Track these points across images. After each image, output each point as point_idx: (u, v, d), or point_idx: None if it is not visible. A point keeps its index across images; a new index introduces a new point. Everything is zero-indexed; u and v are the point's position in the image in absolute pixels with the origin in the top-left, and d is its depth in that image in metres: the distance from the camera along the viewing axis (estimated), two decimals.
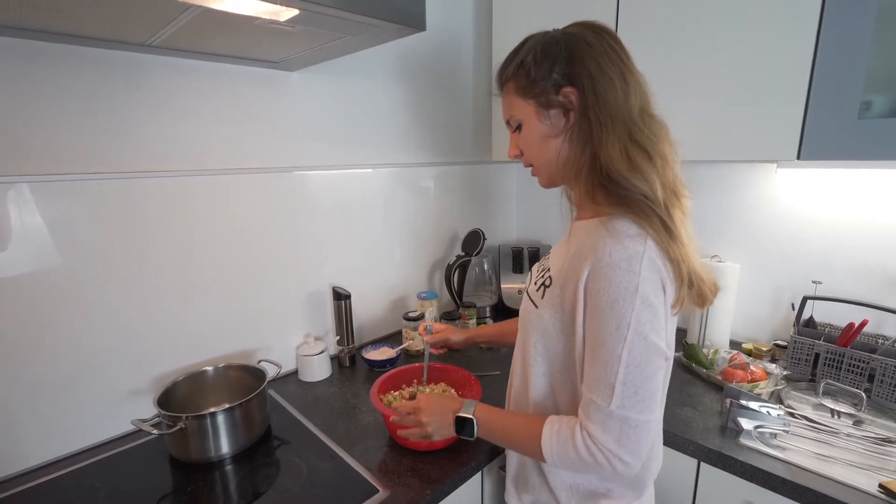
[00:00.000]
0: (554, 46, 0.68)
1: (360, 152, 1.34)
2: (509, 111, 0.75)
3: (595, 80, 0.65)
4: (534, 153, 0.75)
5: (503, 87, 0.76)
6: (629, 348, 0.59)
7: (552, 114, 0.70)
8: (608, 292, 0.60)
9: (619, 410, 0.60)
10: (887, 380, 1.04)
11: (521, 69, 0.71)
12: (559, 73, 0.67)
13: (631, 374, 0.60)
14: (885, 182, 1.11)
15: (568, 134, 0.70)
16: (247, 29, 0.75)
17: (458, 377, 1.07)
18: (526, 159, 0.77)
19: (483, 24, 1.58)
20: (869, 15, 0.83)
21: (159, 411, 0.88)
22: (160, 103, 0.97)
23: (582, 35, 0.68)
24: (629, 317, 0.59)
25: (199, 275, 1.07)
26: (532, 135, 0.73)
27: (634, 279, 0.59)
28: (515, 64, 0.72)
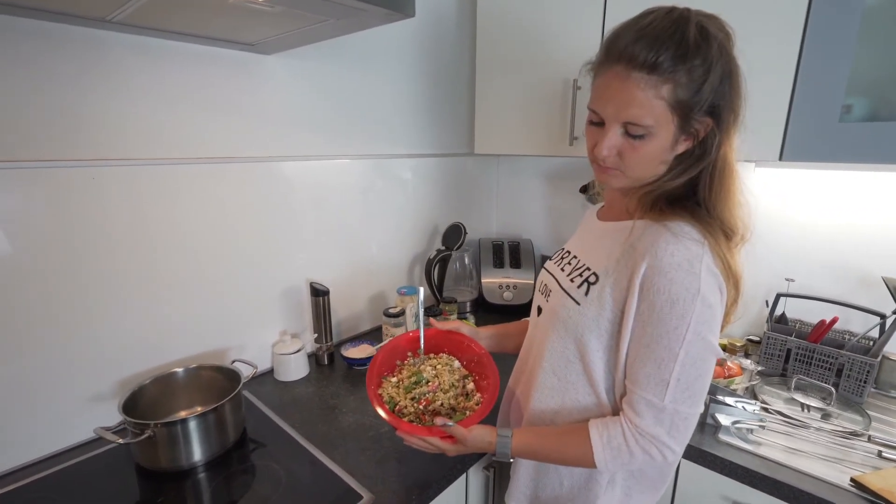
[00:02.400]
0: (717, 63, 0.57)
1: (339, 142, 1.29)
2: (643, 115, 0.59)
3: (732, 122, 0.61)
4: (639, 167, 0.65)
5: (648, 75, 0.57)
6: (687, 348, 0.60)
7: (681, 138, 0.62)
8: (669, 291, 0.59)
9: (671, 405, 0.62)
10: (854, 374, 1.09)
11: (694, 75, 0.57)
12: (708, 97, 0.59)
13: (686, 371, 0.61)
14: (859, 184, 1.14)
15: (674, 159, 0.65)
16: (219, 6, 0.69)
17: (464, 348, 0.89)
18: (615, 163, 0.65)
19: (467, 15, 1.54)
20: (853, 20, 0.85)
21: (125, 418, 0.82)
22: (122, 86, 0.89)
23: (731, 53, 0.60)
24: (689, 317, 0.59)
25: (168, 270, 1.01)
26: (654, 153, 0.63)
27: (696, 281, 0.59)
28: (687, 67, 0.57)
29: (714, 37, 0.58)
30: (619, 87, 0.60)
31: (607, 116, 0.63)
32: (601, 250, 0.71)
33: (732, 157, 0.64)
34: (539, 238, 1.77)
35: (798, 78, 0.92)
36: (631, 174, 0.66)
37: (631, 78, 0.58)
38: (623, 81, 0.59)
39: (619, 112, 0.61)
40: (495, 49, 1.39)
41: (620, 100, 0.60)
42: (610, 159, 0.65)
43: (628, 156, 0.64)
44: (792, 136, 0.94)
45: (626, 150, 0.63)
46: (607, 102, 0.62)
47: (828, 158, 0.90)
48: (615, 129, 0.63)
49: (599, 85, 0.64)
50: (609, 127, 0.63)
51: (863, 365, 1.07)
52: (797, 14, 0.90)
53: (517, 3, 1.31)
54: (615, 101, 0.61)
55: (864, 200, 1.14)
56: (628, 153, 0.63)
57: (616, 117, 0.62)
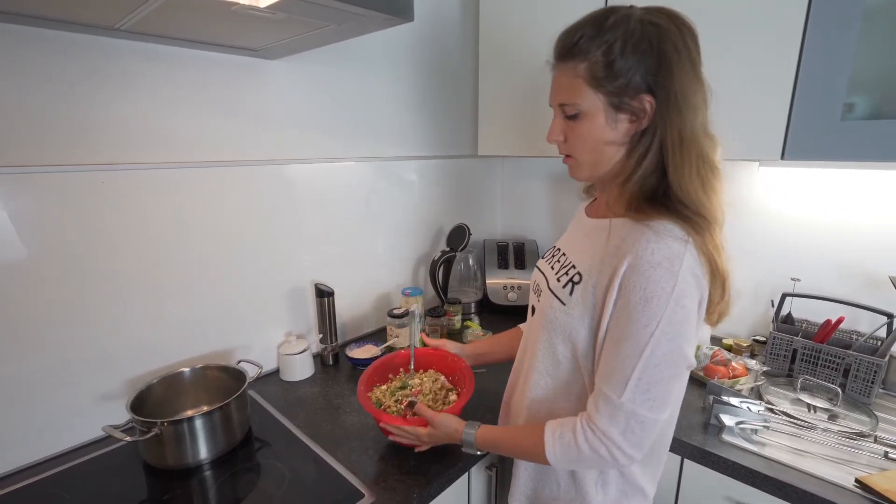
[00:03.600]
0: (644, 43, 0.60)
1: (343, 145, 1.30)
2: (569, 95, 0.66)
3: (679, 97, 0.61)
4: (584, 150, 0.69)
5: (567, 61, 0.65)
6: (653, 346, 0.59)
7: (620, 118, 0.64)
8: (644, 289, 0.59)
9: (629, 404, 0.61)
10: (861, 375, 1.07)
11: (603, 53, 0.62)
12: (642, 76, 0.61)
13: (648, 371, 0.60)
14: (864, 183, 1.13)
15: (628, 143, 0.66)
16: (224, 14, 0.71)
17: (449, 363, 1.02)
18: (568, 149, 0.71)
19: (469, 17, 1.55)
20: (853, 19, 0.84)
21: (132, 416, 0.84)
22: (130, 91, 0.91)
23: (671, 35, 0.61)
24: (661, 315, 0.59)
25: (175, 271, 1.03)
26: (590, 132, 0.66)
27: (672, 279, 0.59)
28: (598, 43, 0.62)
29: (640, 20, 0.61)
30: (553, 80, 0.70)
31: (551, 104, 0.71)
32: (586, 248, 0.72)
33: (691, 136, 0.62)
34: (543, 239, 1.77)
35: (799, 76, 0.91)
36: (580, 158, 0.70)
37: (558, 69, 0.68)
38: (555, 74, 0.69)
39: (553, 98, 0.70)
40: (497, 51, 1.40)
41: (554, 89, 0.70)
42: (561, 146, 0.72)
43: (570, 138, 0.70)
44: (794, 135, 0.93)
45: (568, 133, 0.70)
46: (551, 94, 0.71)
47: (830, 157, 0.90)
48: (556, 113, 0.71)
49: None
50: (554, 114, 0.71)
51: (870, 365, 1.06)
52: (798, 12, 0.90)
53: (518, 6, 1.32)
54: (552, 92, 0.70)
55: (870, 199, 1.13)
56: (570, 136, 0.70)
57: (553, 103, 0.70)
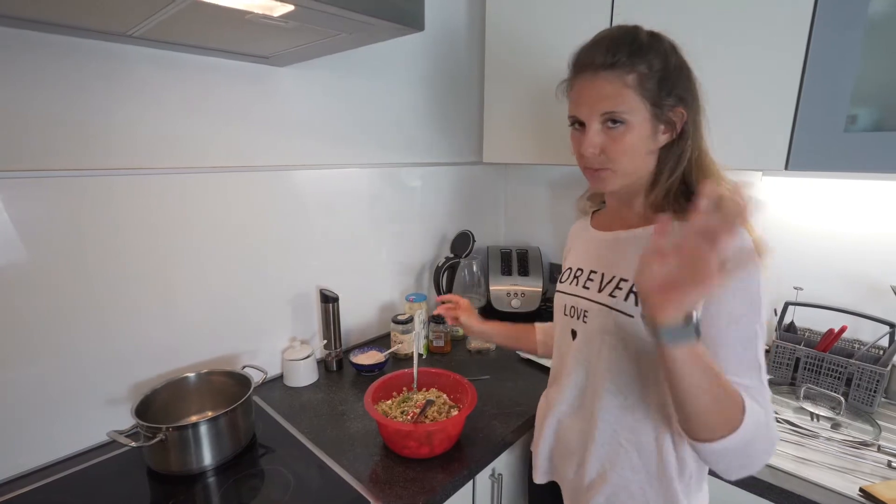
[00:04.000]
0: (678, 59, 0.68)
1: (349, 151, 1.31)
2: (615, 103, 0.65)
3: (698, 110, 0.68)
4: (626, 160, 0.68)
5: (613, 70, 0.65)
6: (761, 323, 0.63)
7: (659, 128, 0.68)
8: (744, 279, 0.62)
9: (765, 380, 0.64)
10: (863, 384, 1.08)
11: (649, 66, 0.65)
12: (679, 91, 0.67)
13: (762, 347, 0.63)
14: (867, 193, 1.14)
15: (657, 153, 0.70)
16: (236, 23, 0.71)
17: (450, 382, 1.05)
18: (603, 161, 0.69)
19: (476, 26, 1.57)
20: (857, 31, 0.85)
21: (137, 422, 0.84)
22: (140, 97, 0.92)
23: (681, 54, 0.69)
24: (759, 294, 0.62)
25: (182, 276, 1.03)
26: (636, 143, 0.67)
27: (755, 263, 0.63)
28: (644, 59, 0.65)
29: (664, 38, 0.68)
30: (589, 88, 0.67)
31: (584, 116, 0.68)
32: (630, 260, 0.71)
33: (707, 145, 0.71)
34: (547, 246, 1.78)
35: (803, 88, 0.92)
36: (619, 168, 0.69)
37: (598, 77, 0.66)
38: (592, 82, 0.67)
39: (593, 107, 0.67)
40: (503, 59, 1.41)
41: (593, 97, 0.67)
42: (596, 158, 0.69)
43: (612, 149, 0.67)
44: (797, 146, 0.94)
45: (609, 144, 0.67)
46: (582, 104, 0.69)
47: (833, 168, 0.91)
48: (594, 124, 0.68)
49: (573, 95, 0.71)
50: (589, 125, 0.68)
51: (872, 374, 1.06)
52: (801, 24, 0.91)
53: (524, 16, 1.33)
54: (589, 100, 0.67)
55: (873, 209, 1.14)
56: (611, 146, 0.67)
57: (592, 113, 0.67)
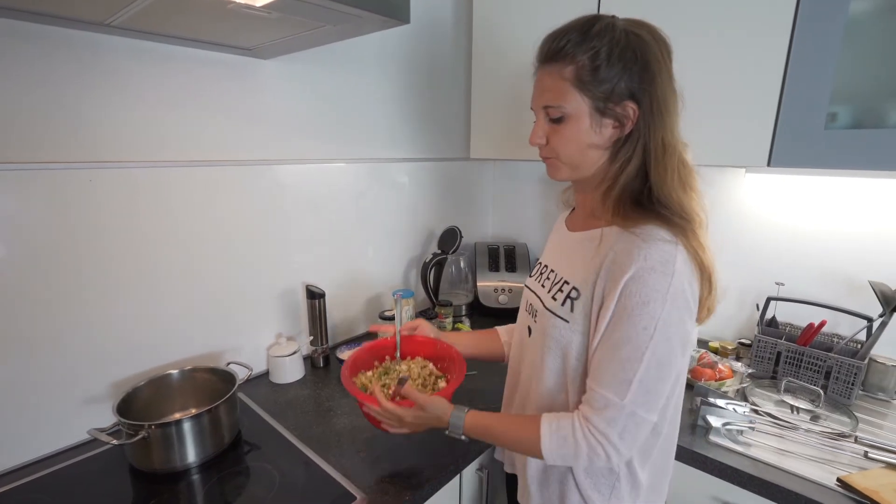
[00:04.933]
0: (629, 51, 0.63)
1: (336, 146, 1.30)
2: (555, 97, 0.67)
3: (660, 104, 0.64)
4: (567, 152, 0.69)
5: (553, 63, 0.66)
6: (653, 349, 0.61)
7: (604, 122, 0.66)
8: (640, 294, 0.61)
9: (630, 405, 0.62)
10: (842, 377, 1.10)
11: (590, 58, 0.63)
12: (626, 84, 0.64)
13: (650, 373, 0.61)
14: (846, 190, 1.17)
15: (611, 148, 0.68)
16: (218, 13, 0.70)
17: (438, 350, 0.97)
18: (550, 151, 0.71)
19: (463, 20, 1.56)
20: (836, 31, 0.87)
21: (119, 419, 0.82)
22: (120, 88, 0.90)
23: (651, 45, 0.64)
24: (658, 317, 0.60)
25: (164, 272, 1.01)
26: (575, 135, 0.67)
27: (667, 281, 0.60)
28: (585, 49, 0.63)
29: (625, 30, 0.64)
30: (537, 82, 0.71)
31: (534, 109, 0.72)
32: (577, 262, 0.72)
33: (672, 142, 0.66)
34: (534, 242, 1.79)
35: (785, 86, 0.94)
36: (564, 160, 0.71)
37: (543, 71, 0.69)
38: (539, 77, 0.70)
39: (537, 101, 0.70)
40: (490, 55, 1.41)
41: (538, 91, 0.71)
42: (544, 148, 0.72)
43: (554, 140, 0.70)
44: (779, 143, 0.96)
45: (551, 135, 0.70)
46: (533, 97, 0.72)
47: (814, 165, 0.92)
48: (540, 116, 0.71)
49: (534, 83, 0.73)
50: (536, 116, 0.72)
51: (850, 367, 1.09)
52: (783, 24, 0.92)
53: (512, 11, 1.33)
54: (536, 94, 0.71)
55: (852, 206, 1.16)
56: (553, 137, 0.70)
57: (537, 104, 0.71)
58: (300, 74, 1.18)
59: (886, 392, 1.13)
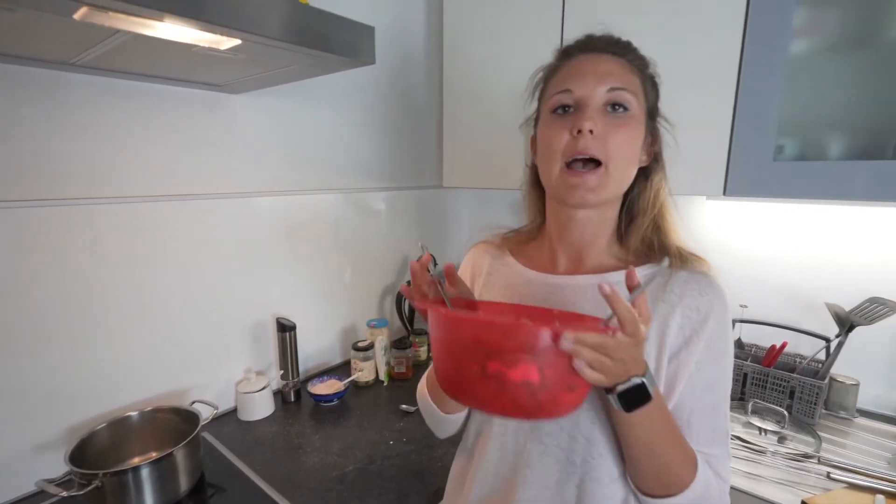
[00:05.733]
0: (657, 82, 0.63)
1: (309, 177, 1.30)
2: (625, 80, 0.57)
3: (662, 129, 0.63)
4: (623, 157, 0.57)
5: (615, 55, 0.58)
6: (729, 388, 0.59)
7: (648, 140, 0.61)
8: (726, 339, 0.58)
9: (729, 449, 0.59)
10: (805, 397, 1.13)
11: (651, 77, 0.61)
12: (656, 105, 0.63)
13: (728, 413, 0.59)
14: (802, 217, 1.23)
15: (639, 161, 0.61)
16: (184, 54, 0.71)
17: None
18: (601, 151, 0.55)
19: (434, 52, 1.61)
20: (778, 69, 0.93)
21: (71, 468, 0.78)
22: (87, 126, 0.89)
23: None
24: (732, 358, 0.59)
25: (128, 309, 0.98)
26: (635, 137, 0.58)
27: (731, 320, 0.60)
28: (651, 68, 0.62)
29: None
30: (592, 63, 0.57)
31: (585, 88, 0.55)
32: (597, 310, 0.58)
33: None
34: None
35: (735, 120, 0.99)
36: (613, 168, 0.56)
37: (603, 56, 0.58)
38: (597, 58, 0.58)
39: (601, 80, 0.55)
40: (461, 86, 1.45)
41: (599, 71, 0.56)
42: (593, 143, 0.55)
43: (613, 136, 0.55)
44: (733, 174, 1.00)
45: (609, 130, 0.55)
46: (585, 77, 0.56)
47: (765, 194, 0.97)
48: (598, 99, 0.55)
49: (565, 73, 0.59)
50: (588, 100, 0.55)
51: (812, 387, 1.12)
52: (731, 62, 0.98)
53: (480, 43, 1.37)
54: (594, 73, 0.56)
55: (808, 231, 1.22)
56: (611, 132, 0.55)
57: (598, 84, 0.55)
58: (272, 108, 1.19)
59: (847, 410, 1.16)
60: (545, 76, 0.63)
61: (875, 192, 0.87)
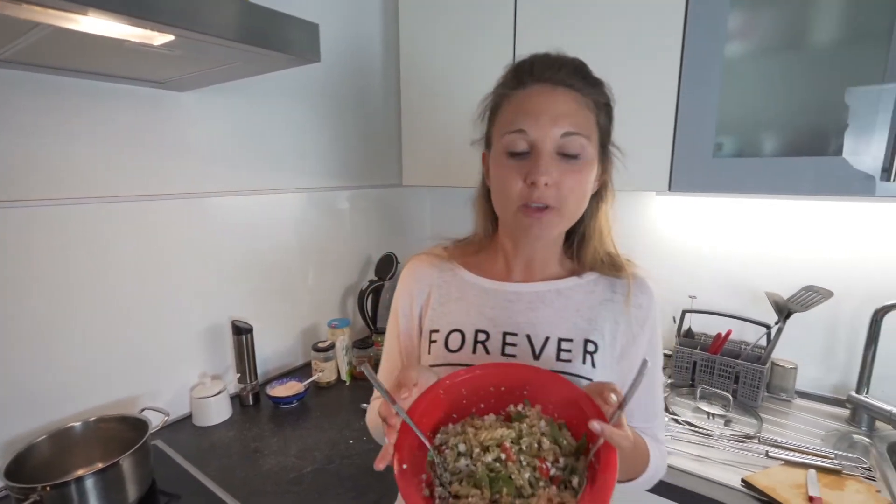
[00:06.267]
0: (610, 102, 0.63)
1: (266, 177, 1.28)
2: (579, 123, 0.54)
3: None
4: (575, 196, 0.57)
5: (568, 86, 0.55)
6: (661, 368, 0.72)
7: (599, 172, 0.62)
8: (657, 329, 0.68)
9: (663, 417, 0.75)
10: (748, 381, 1.19)
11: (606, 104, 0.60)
12: (609, 130, 0.63)
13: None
14: (743, 211, 1.29)
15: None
16: (116, 50, 0.68)
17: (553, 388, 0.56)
18: (556, 199, 0.56)
19: (392, 50, 1.60)
20: (715, 71, 0.97)
21: (6, 483, 0.74)
22: (19, 124, 0.85)
23: None
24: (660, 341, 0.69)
25: (70, 314, 0.94)
26: (588, 180, 0.58)
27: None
28: (602, 91, 0.59)
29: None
30: (548, 99, 0.54)
31: (538, 133, 0.54)
32: (567, 315, 0.64)
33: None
34: None
35: (678, 119, 1.03)
36: (567, 209, 0.57)
37: (558, 91, 0.54)
38: (551, 94, 0.54)
39: (555, 122, 0.53)
40: (418, 86, 1.45)
41: (552, 112, 0.53)
42: (548, 192, 0.55)
43: (566, 183, 0.55)
44: (677, 170, 1.05)
45: (564, 177, 0.55)
46: (539, 117, 0.54)
47: (706, 190, 1.02)
48: (551, 147, 0.54)
49: (518, 105, 0.56)
50: (542, 147, 0.54)
51: (755, 372, 1.18)
52: (672, 63, 1.02)
53: (436, 44, 1.38)
54: (548, 113, 0.53)
55: (749, 225, 1.28)
56: (566, 180, 0.55)
57: (552, 128, 0.53)
58: (222, 106, 1.16)
59: (788, 392, 1.23)
60: (497, 101, 0.62)
61: (806, 187, 0.92)
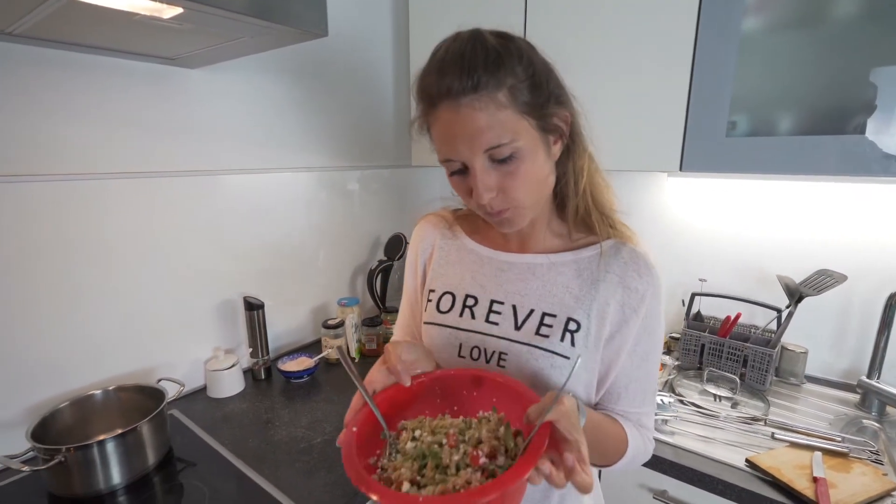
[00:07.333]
0: (533, 56, 0.56)
1: (278, 155, 1.29)
2: (501, 134, 0.52)
3: (574, 104, 0.60)
4: (528, 194, 0.57)
5: (477, 93, 0.51)
6: (660, 354, 0.66)
7: (550, 140, 0.57)
8: (657, 312, 0.64)
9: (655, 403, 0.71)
10: (757, 365, 1.19)
11: (524, 71, 0.53)
12: (554, 90, 0.57)
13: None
14: (756, 192, 1.26)
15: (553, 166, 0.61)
16: (126, 24, 0.69)
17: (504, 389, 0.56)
18: (506, 202, 0.56)
19: (402, 32, 1.58)
20: (732, 47, 0.94)
21: (33, 444, 0.78)
22: (32, 100, 0.86)
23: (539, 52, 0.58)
24: (662, 328, 0.66)
25: (92, 287, 0.97)
26: (533, 170, 0.55)
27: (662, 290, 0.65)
28: (512, 63, 0.52)
29: (515, 37, 0.56)
30: (457, 122, 0.52)
31: (464, 156, 0.54)
32: (555, 290, 0.63)
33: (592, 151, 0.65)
34: None
35: (691, 98, 1.01)
36: (526, 204, 0.57)
37: (461, 106, 0.52)
38: (457, 114, 0.52)
39: (473, 144, 0.53)
40: None
41: (467, 133, 0.52)
42: (496, 201, 0.56)
43: (510, 186, 0.55)
44: (689, 150, 1.03)
45: (506, 182, 0.55)
46: (456, 143, 0.53)
47: (718, 169, 1.00)
48: (480, 164, 0.54)
49: (437, 133, 0.56)
50: (474, 166, 0.54)
51: (763, 356, 1.17)
52: (687, 39, 0.99)
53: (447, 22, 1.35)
54: (463, 136, 0.53)
55: (761, 206, 1.26)
56: (509, 184, 0.55)
57: (473, 151, 0.53)
58: (232, 83, 1.16)
59: (797, 377, 1.22)
60: (422, 124, 0.60)
61: (823, 167, 0.90)
